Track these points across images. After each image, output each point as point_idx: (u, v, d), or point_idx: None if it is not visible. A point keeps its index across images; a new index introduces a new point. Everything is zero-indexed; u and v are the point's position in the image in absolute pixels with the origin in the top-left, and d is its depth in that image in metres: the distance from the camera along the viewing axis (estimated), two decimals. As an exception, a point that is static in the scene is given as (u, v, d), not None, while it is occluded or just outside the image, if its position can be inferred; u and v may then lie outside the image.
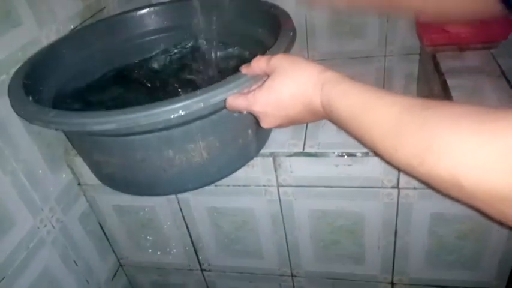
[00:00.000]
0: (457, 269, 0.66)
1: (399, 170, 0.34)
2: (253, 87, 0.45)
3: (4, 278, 0.57)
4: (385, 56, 1.00)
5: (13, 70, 0.58)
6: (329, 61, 1.03)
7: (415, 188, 0.58)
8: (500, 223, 0.30)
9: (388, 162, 0.34)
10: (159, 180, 0.54)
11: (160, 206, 0.71)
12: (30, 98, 0.51)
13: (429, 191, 0.58)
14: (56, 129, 0.55)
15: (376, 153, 0.37)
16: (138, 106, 0.42)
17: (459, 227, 0.61)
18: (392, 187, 0.59)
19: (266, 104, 0.43)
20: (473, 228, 0.61)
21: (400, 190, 0.59)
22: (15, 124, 0.59)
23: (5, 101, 0.55)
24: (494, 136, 0.25)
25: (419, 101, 0.32)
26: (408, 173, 0.32)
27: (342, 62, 1.02)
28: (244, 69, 0.46)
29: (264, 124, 0.45)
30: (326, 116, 0.41)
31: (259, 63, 0.44)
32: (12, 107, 0.50)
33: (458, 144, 0.27)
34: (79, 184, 0.72)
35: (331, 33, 1.01)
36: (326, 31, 1.01)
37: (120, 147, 0.51)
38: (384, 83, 1.03)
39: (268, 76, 0.44)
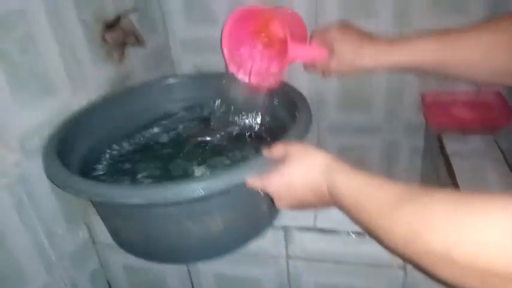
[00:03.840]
0: None
1: (392, 251, 0.36)
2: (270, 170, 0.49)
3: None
4: (390, 129, 1.04)
5: (46, 133, 0.62)
6: (337, 132, 1.08)
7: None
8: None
9: (383, 243, 0.37)
10: (176, 249, 0.56)
11: (169, 269, 0.72)
12: (61, 162, 0.54)
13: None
14: (85, 198, 0.59)
15: (374, 235, 0.39)
16: (164, 183, 0.46)
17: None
18: (399, 267, 0.60)
19: (279, 187, 0.47)
20: None
21: (408, 272, 0.60)
22: (42, 183, 0.62)
23: (36, 162, 0.59)
24: (486, 217, 0.28)
25: (416, 188, 0.35)
26: (400, 252, 0.34)
27: (349, 133, 1.07)
28: (265, 152, 0.50)
29: (278, 204, 0.49)
30: (332, 201, 0.45)
31: (278, 150, 0.48)
32: (46, 172, 0.54)
33: (454, 223, 0.29)
34: (94, 242, 0.74)
35: (339, 105, 1.07)
36: (335, 103, 1.07)
37: (141, 217, 0.54)
38: (388, 156, 1.07)
39: (284, 161, 0.48)
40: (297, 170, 0.46)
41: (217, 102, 0.70)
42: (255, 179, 0.48)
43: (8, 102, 0.56)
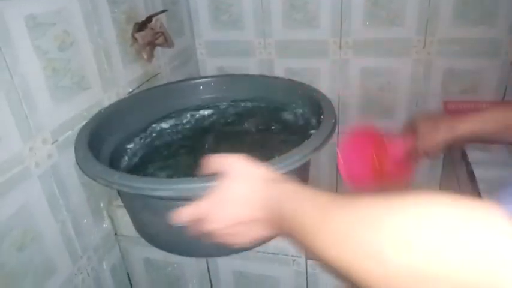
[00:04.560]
0: None
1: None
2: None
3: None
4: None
5: (77, 127, 0.65)
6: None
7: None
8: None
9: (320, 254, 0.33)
10: (202, 242, 0.57)
11: (189, 264, 0.74)
12: (92, 153, 0.56)
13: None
14: (117, 189, 0.60)
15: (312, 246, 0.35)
16: (195, 177, 0.47)
17: None
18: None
19: (211, 204, 0.42)
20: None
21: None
22: (72, 176, 0.65)
23: (67, 154, 0.62)
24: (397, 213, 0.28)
25: (343, 195, 0.34)
26: (333, 258, 0.31)
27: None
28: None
29: (208, 227, 0.43)
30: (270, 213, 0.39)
31: (215, 163, 0.44)
32: (78, 163, 0.56)
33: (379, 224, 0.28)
34: (115, 234, 0.76)
35: (361, 110, 1.08)
36: (356, 108, 1.08)
37: (168, 210, 0.55)
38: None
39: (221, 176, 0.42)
40: (235, 184, 0.41)
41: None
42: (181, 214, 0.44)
43: (44, 97, 0.59)
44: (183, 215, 0.43)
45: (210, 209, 0.42)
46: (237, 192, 0.41)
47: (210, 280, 0.74)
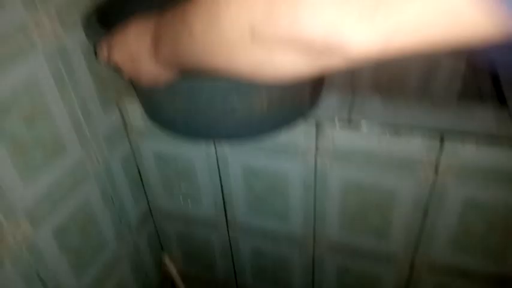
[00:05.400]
0: (481, 258, 0.68)
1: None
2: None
3: (51, 199, 0.61)
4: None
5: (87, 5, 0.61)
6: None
7: (452, 170, 0.59)
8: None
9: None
10: (218, 125, 0.56)
11: (198, 157, 0.74)
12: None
13: (467, 172, 0.59)
14: None
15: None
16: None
17: (490, 215, 0.62)
18: (431, 167, 0.60)
19: (113, 37, 0.46)
20: (505, 216, 0.62)
21: (439, 173, 0.60)
22: (80, 63, 0.62)
23: (74, 37, 0.59)
24: None
25: None
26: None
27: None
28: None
29: (111, 56, 0.47)
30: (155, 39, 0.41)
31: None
32: (87, 35, 0.53)
33: None
34: (125, 127, 0.75)
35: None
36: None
37: (187, 90, 0.53)
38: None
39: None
40: (126, 29, 0.45)
41: None
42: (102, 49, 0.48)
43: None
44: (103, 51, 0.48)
45: (111, 40, 0.46)
46: (127, 33, 0.44)
47: (219, 173, 0.75)
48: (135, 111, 0.72)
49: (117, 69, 0.48)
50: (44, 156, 0.59)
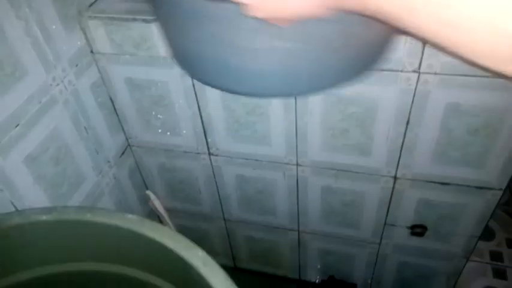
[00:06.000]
0: (461, 167, 0.67)
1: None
2: None
3: (18, 125, 0.58)
4: None
5: None
6: None
7: (435, 74, 0.57)
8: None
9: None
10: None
11: (173, 82, 0.71)
12: None
13: (449, 77, 0.57)
14: None
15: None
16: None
17: (472, 120, 0.61)
18: (414, 71, 0.58)
19: None
20: (487, 123, 0.61)
21: (421, 75, 0.58)
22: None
23: None
24: None
25: None
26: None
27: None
28: None
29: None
30: None
31: None
32: None
33: None
34: (92, 52, 0.70)
35: None
36: None
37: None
38: None
39: None
40: None
41: None
42: None
43: None
44: None
45: None
46: None
47: (196, 97, 0.72)
48: (100, 32, 0.67)
49: None
50: (5, 79, 0.54)
